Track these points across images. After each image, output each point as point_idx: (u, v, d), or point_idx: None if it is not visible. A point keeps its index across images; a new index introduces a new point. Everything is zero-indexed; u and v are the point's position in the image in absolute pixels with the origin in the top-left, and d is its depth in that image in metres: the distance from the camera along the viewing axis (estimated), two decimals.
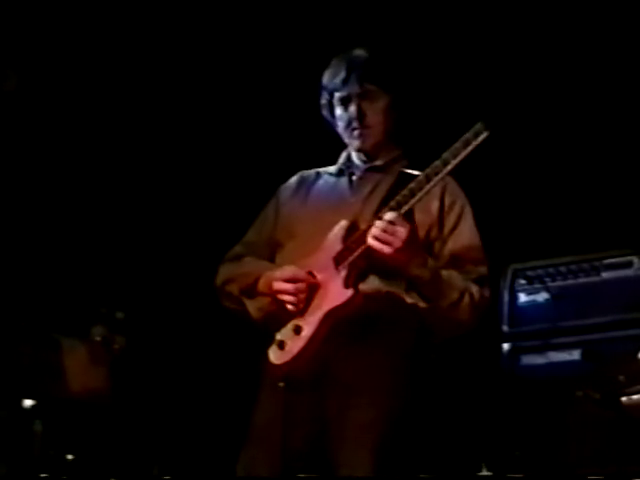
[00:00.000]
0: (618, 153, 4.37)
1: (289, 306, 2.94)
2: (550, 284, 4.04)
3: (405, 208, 2.84)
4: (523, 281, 4.10)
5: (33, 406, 3.97)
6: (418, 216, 2.95)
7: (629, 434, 3.53)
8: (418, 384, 2.96)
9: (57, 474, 3.99)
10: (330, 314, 2.87)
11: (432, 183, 2.81)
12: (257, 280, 3.05)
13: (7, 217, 4.34)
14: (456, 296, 2.91)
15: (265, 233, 3.18)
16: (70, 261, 4.66)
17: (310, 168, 3.26)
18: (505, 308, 4.09)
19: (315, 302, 2.91)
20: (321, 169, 3.22)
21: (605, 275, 3.97)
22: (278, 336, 2.94)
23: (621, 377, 3.56)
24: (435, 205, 3.01)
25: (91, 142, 4.75)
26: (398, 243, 2.80)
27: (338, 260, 2.91)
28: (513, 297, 4.10)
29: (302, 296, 2.92)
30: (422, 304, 2.92)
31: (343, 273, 2.89)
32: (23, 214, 4.49)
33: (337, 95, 3.08)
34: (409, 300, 2.92)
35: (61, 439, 4.08)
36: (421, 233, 2.96)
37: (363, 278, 2.92)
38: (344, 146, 3.17)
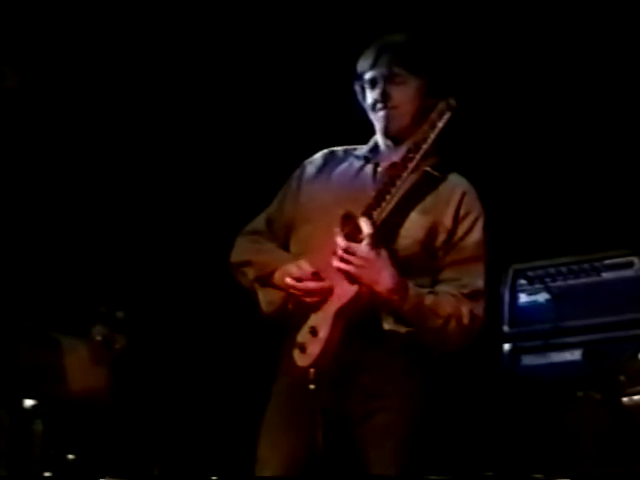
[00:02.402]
0: (618, 153, 4.37)
1: (306, 299, 2.91)
2: (551, 284, 4.04)
3: (379, 212, 2.84)
4: (524, 281, 4.11)
5: (33, 406, 3.97)
6: (427, 219, 2.95)
7: (630, 434, 3.53)
8: (432, 386, 2.97)
9: (57, 474, 3.98)
10: (340, 313, 2.86)
11: (405, 174, 2.83)
12: (273, 272, 3.03)
13: (7, 216, 4.34)
14: (440, 322, 2.87)
15: (286, 212, 3.14)
16: (70, 260, 4.65)
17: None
18: (506, 308, 4.09)
19: (327, 300, 2.90)
20: (351, 147, 3.17)
21: (606, 275, 3.98)
22: (298, 338, 2.93)
23: (622, 377, 3.56)
24: (449, 214, 2.98)
25: (92, 141, 4.75)
26: (361, 264, 2.80)
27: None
28: (514, 297, 4.10)
29: (316, 294, 2.90)
30: (402, 329, 2.90)
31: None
32: (23, 213, 4.49)
33: (366, 78, 3.06)
34: (386, 327, 2.90)
35: (61, 439, 4.08)
36: (427, 238, 2.94)
37: None
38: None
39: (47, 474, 3.95)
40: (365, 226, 2.83)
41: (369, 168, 3.08)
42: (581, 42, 4.36)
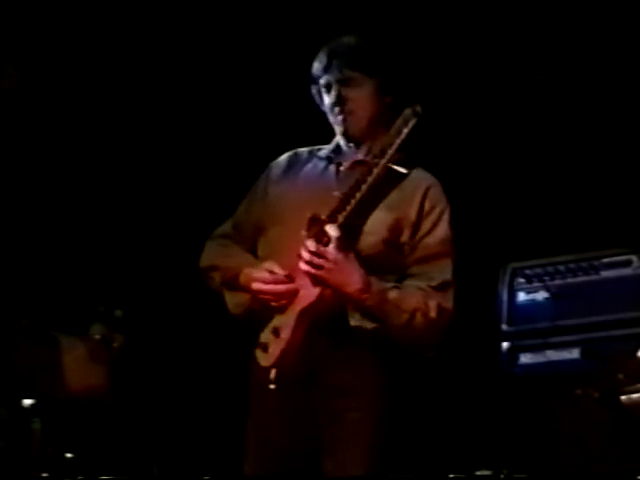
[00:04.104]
0: (617, 152, 4.37)
1: (272, 303, 2.93)
2: (549, 283, 4.04)
3: (344, 215, 2.85)
4: (522, 280, 4.11)
5: (32, 404, 3.97)
6: (390, 216, 2.95)
7: (629, 433, 3.54)
8: (406, 383, 2.96)
9: (56, 473, 3.98)
10: (303, 314, 2.87)
11: (371, 179, 2.84)
12: (238, 275, 3.04)
13: (6, 216, 4.34)
14: (405, 317, 2.87)
15: (254, 214, 3.15)
16: (69, 259, 4.66)
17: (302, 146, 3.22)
18: (504, 307, 4.09)
19: (291, 302, 2.92)
20: (315, 147, 3.19)
21: (604, 274, 3.97)
22: (261, 338, 2.95)
23: (620, 376, 3.56)
24: (414, 209, 2.99)
25: (91, 140, 4.75)
26: (328, 266, 2.81)
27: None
28: (512, 296, 4.10)
29: (281, 299, 2.91)
30: (368, 325, 2.90)
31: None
32: (22, 213, 4.49)
33: (321, 82, 3.08)
34: (353, 323, 2.90)
35: (60, 438, 4.08)
36: (392, 235, 2.95)
37: None
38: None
39: (45, 473, 3.95)
40: (332, 231, 2.84)
41: (332, 168, 3.10)
42: (578, 41, 4.37)
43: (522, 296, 4.09)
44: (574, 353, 3.90)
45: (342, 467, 2.86)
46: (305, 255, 2.84)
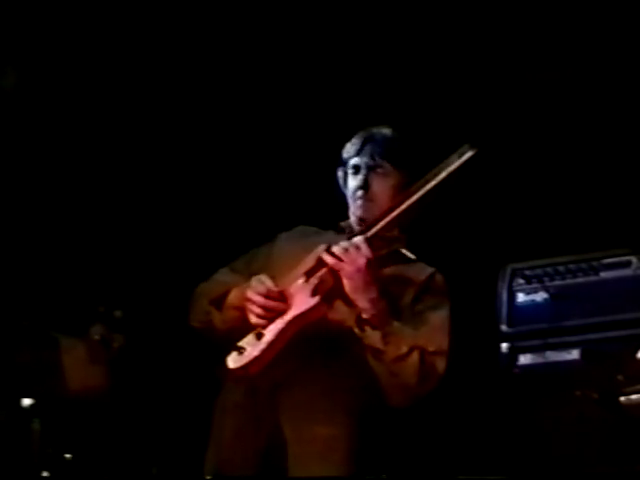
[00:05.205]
0: (616, 153, 4.37)
1: (253, 318, 2.94)
2: (549, 284, 4.04)
3: (374, 231, 2.90)
4: (522, 281, 4.10)
5: (31, 405, 3.96)
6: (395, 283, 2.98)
7: (628, 434, 3.54)
8: (380, 404, 2.95)
9: (55, 473, 3.98)
10: (293, 321, 2.88)
11: (404, 206, 2.88)
12: (228, 292, 3.07)
13: (6, 216, 4.34)
14: (404, 350, 2.89)
15: (254, 267, 3.18)
16: (68, 260, 4.65)
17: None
18: (504, 308, 4.09)
19: (281, 315, 2.93)
20: (324, 231, 3.24)
21: (604, 275, 3.97)
22: (240, 342, 2.96)
23: (620, 377, 3.56)
24: (420, 278, 3.05)
25: (90, 141, 4.75)
26: (357, 265, 2.83)
27: (309, 273, 2.94)
28: (512, 297, 4.10)
29: (269, 313, 2.92)
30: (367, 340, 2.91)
31: (311, 284, 2.91)
32: (22, 213, 4.48)
33: (350, 163, 3.14)
34: (357, 331, 2.92)
35: (59, 438, 4.08)
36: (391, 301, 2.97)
37: (331, 301, 2.93)
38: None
39: (45, 473, 3.94)
40: (360, 240, 2.89)
41: (343, 236, 3.11)
42: (578, 41, 4.37)
43: (522, 297, 4.09)
44: (574, 354, 3.90)
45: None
46: (335, 248, 2.84)
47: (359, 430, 2.93)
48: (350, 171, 3.14)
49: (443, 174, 2.82)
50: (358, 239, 2.87)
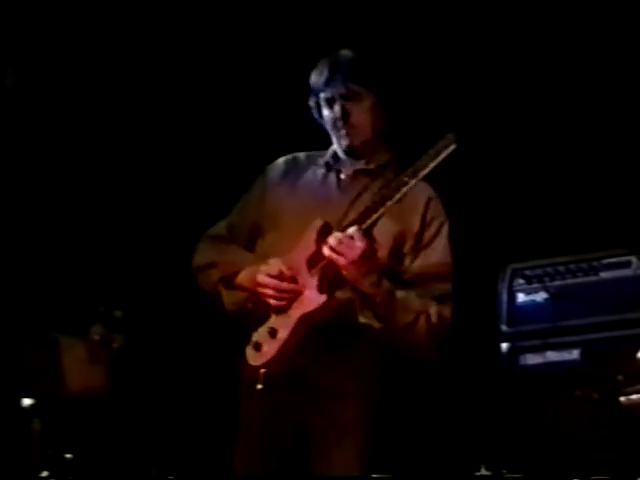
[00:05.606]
0: (616, 153, 4.37)
1: (271, 300, 2.93)
2: (549, 284, 4.04)
3: (368, 223, 2.86)
4: (522, 281, 4.10)
5: (32, 405, 3.97)
6: (395, 227, 2.97)
7: (628, 434, 3.54)
8: (401, 387, 2.98)
9: (55, 473, 3.98)
10: (304, 319, 2.88)
11: (398, 195, 2.83)
12: (238, 272, 3.05)
13: (6, 216, 4.34)
14: (411, 318, 2.90)
15: (249, 217, 3.16)
16: (68, 260, 4.65)
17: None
18: (504, 308, 4.09)
19: (292, 305, 2.92)
20: (313, 153, 3.20)
21: (604, 275, 3.97)
22: (254, 337, 2.95)
23: (620, 377, 3.56)
24: (416, 220, 3.02)
25: (90, 140, 4.75)
26: (352, 257, 2.82)
27: (311, 263, 2.92)
28: (512, 297, 4.10)
29: (285, 295, 2.92)
30: (376, 324, 2.92)
31: (316, 278, 2.90)
32: (22, 213, 4.48)
33: (322, 96, 3.09)
34: (362, 320, 2.92)
35: (60, 438, 4.08)
36: (396, 245, 2.98)
37: (341, 285, 2.92)
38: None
39: (45, 473, 3.95)
40: (354, 230, 2.86)
41: (332, 177, 3.11)
42: (578, 41, 4.37)
43: (522, 297, 4.09)
44: (574, 354, 3.90)
45: (333, 468, 2.88)
46: (332, 241, 2.85)
47: (379, 414, 2.95)
48: (323, 103, 3.09)
49: (433, 164, 2.81)
50: (352, 229, 2.85)
